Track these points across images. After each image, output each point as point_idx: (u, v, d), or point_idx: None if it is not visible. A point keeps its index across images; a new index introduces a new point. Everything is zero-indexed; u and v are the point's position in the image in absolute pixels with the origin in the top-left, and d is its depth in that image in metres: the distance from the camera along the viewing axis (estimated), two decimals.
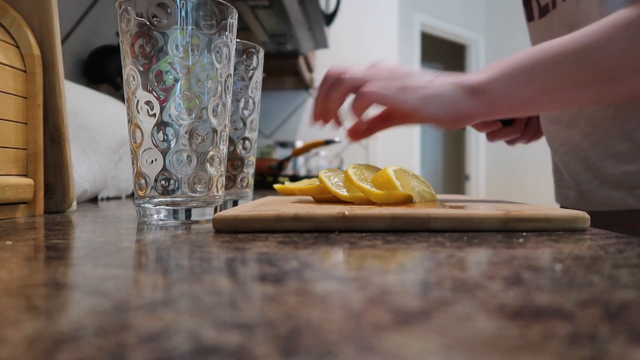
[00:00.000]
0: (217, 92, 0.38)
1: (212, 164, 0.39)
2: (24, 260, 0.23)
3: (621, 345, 0.11)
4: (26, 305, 0.15)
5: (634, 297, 0.16)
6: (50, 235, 0.31)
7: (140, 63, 0.36)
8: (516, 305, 0.15)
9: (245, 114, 0.53)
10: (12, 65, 0.43)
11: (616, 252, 0.24)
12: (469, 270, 0.20)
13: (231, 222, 0.32)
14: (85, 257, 0.24)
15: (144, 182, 0.37)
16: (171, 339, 0.12)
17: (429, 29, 3.54)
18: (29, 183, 0.44)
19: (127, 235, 0.31)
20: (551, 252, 0.24)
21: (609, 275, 0.19)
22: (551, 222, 0.32)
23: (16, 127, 0.43)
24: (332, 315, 0.14)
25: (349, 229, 0.32)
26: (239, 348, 0.11)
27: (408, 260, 0.23)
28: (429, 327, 0.13)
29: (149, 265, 0.23)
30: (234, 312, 0.14)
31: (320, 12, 1.39)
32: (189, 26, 0.36)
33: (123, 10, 0.37)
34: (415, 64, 3.28)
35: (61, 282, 0.18)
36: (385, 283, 0.18)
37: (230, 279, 0.19)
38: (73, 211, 0.49)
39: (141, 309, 0.14)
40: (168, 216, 0.37)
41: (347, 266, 0.22)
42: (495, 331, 0.12)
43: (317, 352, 0.11)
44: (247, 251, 0.25)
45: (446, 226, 0.32)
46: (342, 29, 2.37)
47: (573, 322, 0.13)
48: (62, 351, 0.11)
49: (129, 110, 0.38)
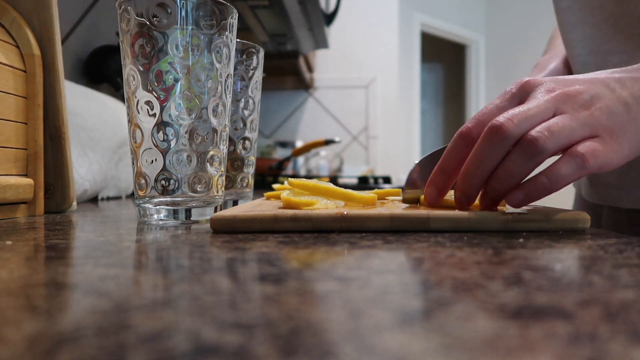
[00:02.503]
0: (217, 92, 0.38)
1: (212, 164, 0.39)
2: (24, 260, 0.23)
3: (621, 345, 0.11)
4: (26, 305, 0.15)
5: (634, 297, 0.16)
6: (50, 235, 0.31)
7: (140, 63, 0.36)
8: (516, 305, 0.15)
9: (245, 114, 0.53)
10: (12, 65, 0.43)
11: (616, 252, 0.24)
12: (469, 270, 0.20)
13: (229, 223, 0.32)
14: (85, 257, 0.24)
15: (144, 182, 0.37)
16: (171, 339, 0.12)
17: (429, 29, 3.54)
18: (29, 183, 0.44)
19: (127, 235, 0.31)
20: (551, 252, 0.24)
21: (609, 275, 0.19)
22: (551, 223, 0.32)
23: (16, 127, 0.43)
24: (332, 315, 0.14)
25: (348, 229, 0.32)
26: (239, 348, 0.11)
27: (408, 260, 0.23)
28: (429, 327, 0.13)
29: (149, 265, 0.23)
30: (234, 312, 0.14)
31: (320, 12, 1.39)
32: (189, 26, 0.36)
33: (123, 10, 0.37)
34: (415, 64, 3.29)
35: (61, 282, 0.18)
36: (385, 283, 0.18)
37: (230, 279, 0.19)
38: (73, 211, 0.49)
39: (141, 309, 0.14)
40: (168, 216, 0.37)
41: (347, 266, 0.22)
42: (495, 331, 0.12)
43: (317, 352, 0.11)
44: (247, 251, 0.25)
45: (445, 226, 0.31)
46: (342, 29, 2.37)
47: (573, 322, 0.13)
48: (62, 351, 0.11)
49: (129, 110, 0.38)
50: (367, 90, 2.44)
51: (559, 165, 0.30)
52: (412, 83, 3.27)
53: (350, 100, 2.44)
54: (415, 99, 3.29)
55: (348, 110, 2.43)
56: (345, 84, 2.44)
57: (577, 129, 0.30)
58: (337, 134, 2.38)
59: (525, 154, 0.30)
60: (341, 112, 2.43)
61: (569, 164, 0.30)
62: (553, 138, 0.30)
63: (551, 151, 0.30)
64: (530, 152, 0.30)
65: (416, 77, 3.31)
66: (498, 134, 0.30)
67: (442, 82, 5.22)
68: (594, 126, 0.31)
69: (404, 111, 2.49)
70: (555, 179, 0.30)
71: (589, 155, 0.30)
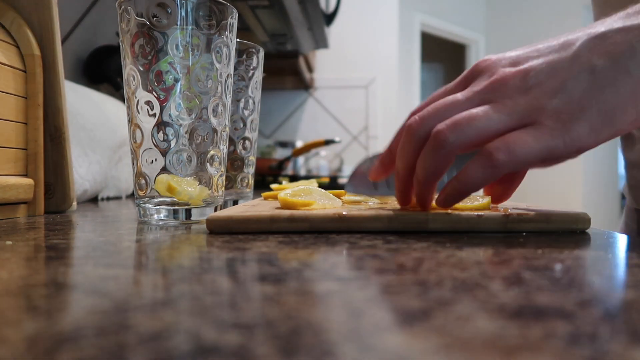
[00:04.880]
0: (217, 92, 0.38)
1: (212, 164, 0.39)
2: (24, 260, 0.23)
3: (621, 345, 0.11)
4: (26, 305, 0.15)
5: (634, 297, 0.16)
6: (50, 235, 0.31)
7: (140, 63, 0.36)
8: (516, 305, 0.15)
9: (245, 114, 0.53)
10: (12, 65, 0.43)
11: (616, 252, 0.24)
12: (469, 270, 0.20)
13: (225, 223, 0.32)
14: (85, 257, 0.24)
15: (144, 182, 0.37)
16: (171, 339, 0.12)
17: (429, 29, 3.54)
18: (29, 183, 0.44)
19: (127, 235, 0.31)
20: (551, 252, 0.24)
21: (609, 275, 0.19)
22: (551, 223, 0.31)
23: (16, 127, 0.43)
24: (332, 315, 0.14)
25: (346, 229, 0.32)
26: (239, 348, 0.11)
27: (408, 260, 0.23)
28: (429, 327, 0.13)
29: (149, 265, 0.23)
30: (234, 312, 0.14)
31: (320, 12, 1.39)
32: (189, 26, 0.36)
33: (123, 10, 0.37)
34: (415, 64, 3.28)
35: (61, 282, 0.18)
36: (385, 283, 0.18)
37: (230, 279, 0.19)
38: (73, 211, 0.49)
39: (141, 309, 0.14)
40: (168, 216, 0.37)
41: (347, 266, 0.22)
42: (495, 331, 0.12)
43: (317, 352, 0.11)
44: (247, 251, 0.25)
45: (444, 227, 0.31)
46: (342, 29, 2.37)
47: (573, 322, 0.13)
48: (62, 351, 0.11)
49: (129, 110, 0.38)
50: (367, 90, 2.43)
51: (468, 166, 0.29)
52: (412, 83, 3.27)
53: (350, 100, 2.43)
54: (415, 99, 3.29)
55: (348, 110, 2.43)
56: (345, 84, 2.43)
57: (494, 118, 0.28)
58: (337, 134, 2.38)
59: (432, 148, 0.29)
60: (341, 112, 2.43)
61: (476, 162, 0.28)
62: (457, 130, 0.28)
63: (458, 144, 0.28)
64: (434, 145, 0.29)
65: (416, 77, 3.31)
66: (408, 132, 0.31)
67: (442, 82, 5.22)
68: (527, 113, 0.28)
69: (404, 111, 2.48)
70: (464, 181, 0.29)
71: (497, 149, 0.27)
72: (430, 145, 0.29)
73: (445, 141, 0.28)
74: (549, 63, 0.29)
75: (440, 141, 0.28)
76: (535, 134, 0.27)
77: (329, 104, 2.43)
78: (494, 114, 0.28)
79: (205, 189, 0.37)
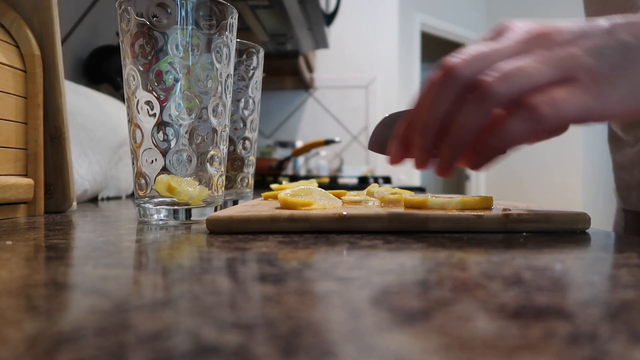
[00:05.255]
0: (217, 92, 0.38)
1: (212, 164, 0.39)
2: (24, 260, 0.23)
3: (621, 345, 0.11)
4: (26, 305, 0.15)
5: (634, 297, 0.16)
6: (50, 235, 0.31)
7: (140, 63, 0.36)
8: (516, 305, 0.15)
9: (245, 114, 0.53)
10: (12, 65, 0.43)
11: (616, 252, 0.24)
12: (469, 270, 0.20)
13: (225, 223, 0.32)
14: (85, 257, 0.24)
15: (144, 182, 0.37)
16: (171, 339, 0.12)
17: (429, 29, 3.54)
18: (29, 183, 0.44)
19: (127, 235, 0.31)
20: (551, 252, 0.24)
21: (609, 275, 0.19)
22: (551, 223, 0.31)
23: (16, 127, 0.43)
24: (332, 315, 0.14)
25: (346, 229, 0.32)
26: (239, 348, 0.11)
27: (408, 260, 0.23)
28: (429, 327, 0.13)
29: (149, 265, 0.23)
30: (234, 312, 0.14)
31: (320, 12, 1.39)
32: (189, 26, 0.36)
33: (123, 10, 0.37)
34: (415, 64, 3.28)
35: (61, 282, 0.18)
36: (385, 283, 0.18)
37: (230, 279, 0.19)
38: (73, 211, 0.49)
39: (141, 309, 0.14)
40: (168, 216, 0.37)
41: (347, 266, 0.22)
42: (495, 331, 0.12)
43: (317, 352, 0.11)
44: (247, 251, 0.25)
45: (444, 227, 0.31)
46: (342, 29, 2.37)
47: (573, 322, 0.13)
48: (62, 351, 0.11)
49: (129, 110, 0.38)
50: (367, 90, 2.43)
51: (509, 120, 0.26)
52: (412, 83, 3.27)
53: (350, 100, 2.43)
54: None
55: (348, 110, 2.43)
56: (345, 84, 2.43)
57: (542, 71, 0.26)
58: (337, 134, 2.38)
59: (477, 100, 0.26)
60: (341, 112, 2.43)
61: (519, 117, 0.26)
62: (508, 81, 0.25)
63: (507, 97, 0.26)
64: (481, 96, 0.26)
65: (416, 77, 3.31)
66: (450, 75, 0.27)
67: None
68: (569, 67, 0.26)
69: None
70: (504, 137, 0.26)
71: (544, 104, 0.25)
72: (476, 97, 0.26)
73: (496, 93, 0.25)
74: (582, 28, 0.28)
75: (489, 93, 0.26)
76: (575, 92, 0.26)
77: (329, 104, 2.43)
78: (541, 65, 0.26)
79: (205, 189, 0.37)
